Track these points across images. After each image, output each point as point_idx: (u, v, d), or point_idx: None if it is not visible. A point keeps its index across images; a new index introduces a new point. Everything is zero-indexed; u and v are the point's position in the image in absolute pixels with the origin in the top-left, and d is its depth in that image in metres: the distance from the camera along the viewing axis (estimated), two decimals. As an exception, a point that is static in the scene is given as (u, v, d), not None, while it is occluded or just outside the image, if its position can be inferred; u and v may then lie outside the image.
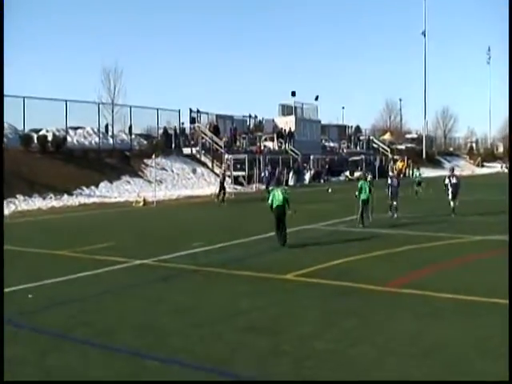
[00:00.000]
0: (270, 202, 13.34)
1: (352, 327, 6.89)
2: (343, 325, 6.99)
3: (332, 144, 63.03)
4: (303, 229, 16.34)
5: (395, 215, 18.83)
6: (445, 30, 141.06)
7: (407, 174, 53.96)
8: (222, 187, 28.51)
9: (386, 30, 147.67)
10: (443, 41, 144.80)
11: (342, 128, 72.72)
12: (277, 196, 13.20)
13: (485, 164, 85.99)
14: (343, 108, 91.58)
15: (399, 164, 56.22)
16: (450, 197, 19.50)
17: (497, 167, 79.49)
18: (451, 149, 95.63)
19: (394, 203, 19.12)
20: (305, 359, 5.77)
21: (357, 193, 16.83)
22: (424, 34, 72.38)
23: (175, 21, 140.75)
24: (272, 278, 9.76)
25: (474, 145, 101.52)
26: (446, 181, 20.17)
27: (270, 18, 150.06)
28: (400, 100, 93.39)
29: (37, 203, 29.49)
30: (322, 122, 62.64)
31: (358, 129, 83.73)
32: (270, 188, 15.69)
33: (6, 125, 34.35)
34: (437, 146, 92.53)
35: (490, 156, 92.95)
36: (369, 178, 18.39)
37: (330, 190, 25.67)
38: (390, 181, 19.76)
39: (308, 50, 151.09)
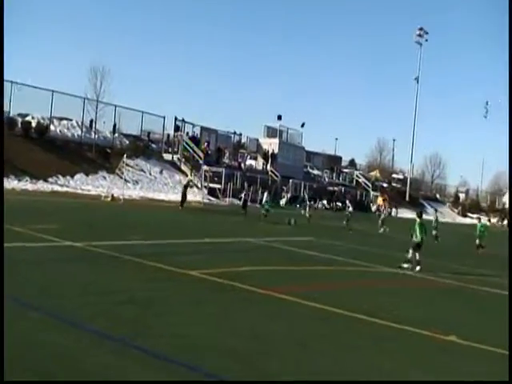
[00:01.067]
0: None
1: (210, 313, 8.05)
2: (204, 310, 8.14)
3: (316, 172, 64.39)
4: (243, 241, 17.57)
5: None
6: (443, 76, 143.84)
7: (385, 211, 55.36)
8: (184, 194, 30.45)
9: (382, 70, 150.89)
10: (440, 87, 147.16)
11: (331, 158, 74.27)
12: None
13: (468, 214, 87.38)
14: (336, 139, 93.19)
15: (379, 199, 57.70)
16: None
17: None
18: (437, 195, 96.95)
19: None
20: (148, 328, 6.92)
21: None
22: (417, 80, 74.29)
23: (172, 29, 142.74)
24: (177, 271, 10.88)
25: (463, 195, 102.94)
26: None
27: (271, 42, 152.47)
28: (394, 140, 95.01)
29: (12, 184, 30.58)
30: (310, 150, 64.15)
31: (352, 162, 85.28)
32: None
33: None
34: (425, 190, 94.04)
35: (474, 207, 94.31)
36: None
37: (292, 222, 26.63)
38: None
39: (302, 79, 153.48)
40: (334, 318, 8.68)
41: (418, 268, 14.99)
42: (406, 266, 15.25)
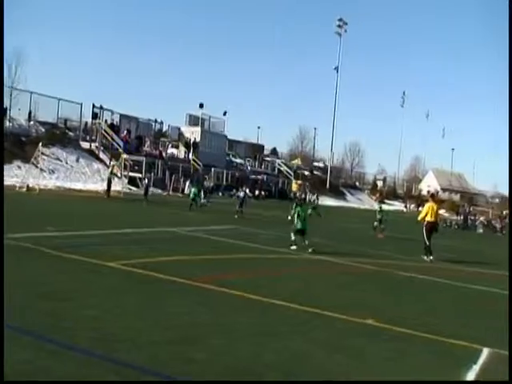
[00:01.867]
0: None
1: (131, 304, 7.95)
2: (124, 302, 8.03)
3: (238, 160, 64.60)
4: (166, 230, 17.42)
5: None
6: (362, 67, 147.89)
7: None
8: (109, 181, 30.74)
9: (303, 59, 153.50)
10: (360, 77, 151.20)
11: (254, 146, 74.72)
12: None
13: (385, 201, 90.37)
14: (259, 128, 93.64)
15: (294, 186, 58.96)
16: None
17: (397, 206, 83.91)
18: (357, 183, 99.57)
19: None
20: (66, 322, 6.76)
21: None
22: (337, 69, 75.95)
23: (88, 15, 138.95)
24: (94, 263, 10.67)
25: (380, 182, 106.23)
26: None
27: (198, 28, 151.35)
28: (315, 129, 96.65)
29: None
30: (233, 138, 64.25)
31: (274, 151, 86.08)
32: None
33: None
34: (345, 178, 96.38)
35: (391, 194, 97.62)
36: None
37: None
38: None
39: (223, 66, 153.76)
40: (254, 305, 8.78)
41: (310, 250, 15.97)
42: (294, 247, 16.28)
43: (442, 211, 79.83)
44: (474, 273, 16.20)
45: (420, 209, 77.79)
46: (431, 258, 17.56)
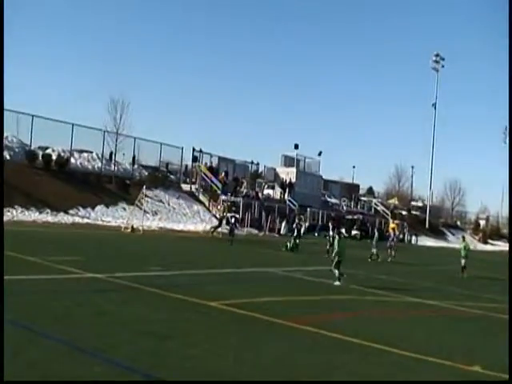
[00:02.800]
0: None
1: (230, 345, 8.06)
2: (224, 342, 8.16)
3: (334, 200, 64.30)
4: (261, 271, 17.60)
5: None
6: (460, 103, 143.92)
7: (397, 237, 55.92)
8: (220, 223, 31.43)
9: (399, 96, 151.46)
10: (458, 112, 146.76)
11: (349, 186, 74.29)
12: None
13: (489, 241, 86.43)
14: (354, 167, 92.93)
15: (391, 225, 57.92)
16: None
17: (501, 246, 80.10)
18: (458, 222, 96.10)
19: None
20: (167, 359, 6.95)
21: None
22: (434, 106, 74.40)
23: (186, 59, 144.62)
24: (195, 302, 10.92)
25: (483, 221, 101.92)
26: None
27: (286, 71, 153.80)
28: (412, 167, 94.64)
29: (33, 216, 31.06)
30: (328, 178, 64.24)
31: (370, 190, 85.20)
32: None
33: (14, 139, 36.32)
34: (446, 217, 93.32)
35: (495, 234, 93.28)
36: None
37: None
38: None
39: (319, 107, 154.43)
40: (354, 348, 8.63)
41: (337, 283, 15.87)
42: (338, 283, 15.96)
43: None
44: None
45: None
46: None
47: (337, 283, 15.90)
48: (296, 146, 54.39)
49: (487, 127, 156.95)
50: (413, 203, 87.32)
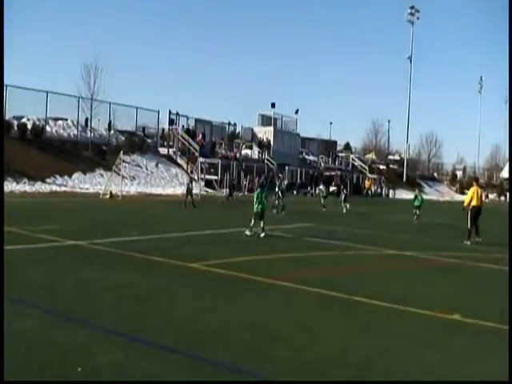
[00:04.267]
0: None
1: (215, 305, 8.16)
2: (208, 302, 8.25)
3: (312, 158, 64.40)
4: (242, 231, 17.65)
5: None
6: (435, 55, 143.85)
7: (373, 192, 57.04)
8: (189, 191, 28.22)
9: (374, 51, 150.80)
10: (433, 65, 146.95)
11: (327, 143, 74.31)
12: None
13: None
14: (331, 123, 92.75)
15: (366, 182, 58.55)
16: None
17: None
18: (435, 174, 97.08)
19: None
20: (154, 322, 7.03)
21: None
22: (410, 59, 74.18)
23: (160, 22, 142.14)
24: (177, 264, 11.00)
25: (460, 172, 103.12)
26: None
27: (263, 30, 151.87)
28: (389, 121, 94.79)
29: (10, 187, 30.70)
30: (305, 136, 64.16)
31: (347, 146, 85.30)
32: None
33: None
34: (422, 170, 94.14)
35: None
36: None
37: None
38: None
39: (293, 63, 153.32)
40: (336, 302, 8.80)
41: (262, 234, 16.40)
42: (249, 233, 16.46)
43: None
44: None
45: (502, 198, 75.44)
46: (471, 242, 17.90)
47: (262, 235, 16.49)
48: (273, 105, 54.18)
49: (462, 79, 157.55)
50: (390, 157, 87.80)
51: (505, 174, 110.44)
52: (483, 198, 20.64)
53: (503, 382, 4.05)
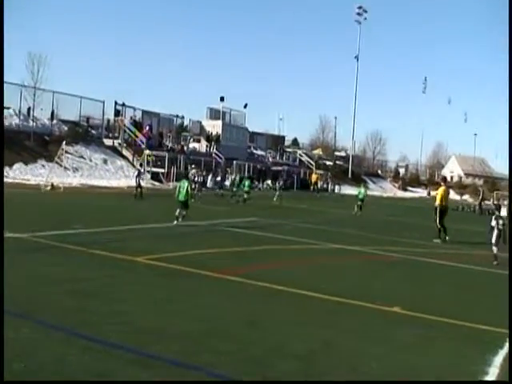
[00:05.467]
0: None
1: (158, 299, 8.06)
2: (151, 296, 8.15)
3: (260, 152, 64.60)
4: (187, 224, 17.54)
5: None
6: (381, 55, 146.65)
7: (319, 187, 57.76)
8: (138, 183, 28.37)
9: (323, 48, 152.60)
10: (380, 64, 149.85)
11: (275, 138, 74.65)
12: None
13: (408, 188, 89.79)
14: (280, 119, 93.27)
15: (313, 177, 59.28)
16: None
17: (420, 192, 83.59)
18: (379, 171, 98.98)
19: None
20: (95, 316, 6.89)
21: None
22: (357, 58, 75.40)
23: (107, 10, 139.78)
24: (121, 258, 10.81)
25: (402, 170, 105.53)
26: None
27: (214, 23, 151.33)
28: (335, 118, 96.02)
29: None
30: (253, 130, 64.29)
31: (295, 141, 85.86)
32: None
33: None
34: (367, 167, 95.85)
35: (414, 181, 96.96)
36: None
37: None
38: None
39: (243, 58, 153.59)
40: (280, 295, 8.85)
41: (176, 222, 17.03)
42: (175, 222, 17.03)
43: (466, 196, 79.58)
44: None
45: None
46: (441, 240, 18.11)
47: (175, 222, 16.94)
48: (222, 99, 53.94)
49: (406, 78, 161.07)
50: (336, 153, 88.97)
51: (446, 171, 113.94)
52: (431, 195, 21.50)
53: (503, 381, 4.12)
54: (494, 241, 14.74)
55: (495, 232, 14.80)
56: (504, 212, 46.72)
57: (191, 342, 6.19)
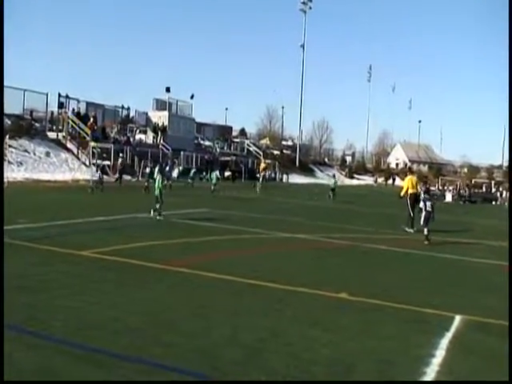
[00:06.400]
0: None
1: (105, 293, 7.98)
2: (98, 291, 8.06)
3: (207, 143, 64.34)
4: (135, 216, 17.38)
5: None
6: (328, 44, 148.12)
7: (267, 177, 58.06)
8: (100, 177, 30.05)
9: (269, 38, 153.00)
10: (326, 53, 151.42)
11: (222, 128, 74.51)
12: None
13: (355, 176, 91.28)
14: (226, 109, 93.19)
15: (262, 165, 59.60)
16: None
17: (366, 180, 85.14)
18: (326, 159, 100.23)
19: None
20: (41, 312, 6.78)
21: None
22: (303, 47, 75.86)
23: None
24: (67, 253, 10.63)
25: (349, 158, 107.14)
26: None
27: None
28: (282, 108, 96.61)
29: None
30: (200, 121, 63.92)
31: (243, 131, 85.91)
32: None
33: None
34: (315, 155, 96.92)
35: (360, 169, 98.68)
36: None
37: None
38: None
39: (189, 49, 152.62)
40: (228, 285, 8.89)
41: (158, 216, 17.30)
42: (156, 215, 17.41)
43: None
44: (446, 242, 16.55)
45: (389, 182, 79.40)
46: (414, 229, 18.15)
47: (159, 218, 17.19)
48: (168, 89, 53.27)
49: (352, 67, 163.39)
50: (284, 143, 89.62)
51: (392, 158, 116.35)
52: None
53: (503, 381, 4.20)
54: (422, 222, 15.96)
55: (423, 214, 16.00)
56: (449, 197, 48.19)
57: (137, 335, 6.16)
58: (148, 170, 31.87)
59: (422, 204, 16.28)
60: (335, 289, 8.92)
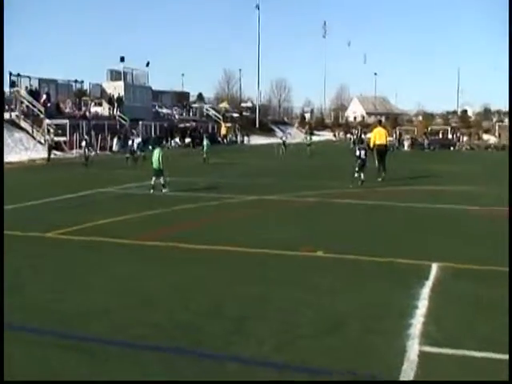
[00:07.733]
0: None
1: (74, 274, 7.70)
2: (69, 273, 7.77)
3: (165, 111, 63.26)
4: (97, 192, 16.92)
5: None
6: (282, 2, 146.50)
7: (228, 140, 58.03)
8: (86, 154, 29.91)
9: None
10: (281, 12, 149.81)
11: (180, 94, 73.35)
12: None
13: (314, 132, 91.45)
14: (183, 75, 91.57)
15: (222, 129, 59.24)
16: None
17: (326, 135, 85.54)
18: (285, 118, 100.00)
19: None
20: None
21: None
22: (258, 7, 74.71)
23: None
24: (31, 236, 10.22)
25: (308, 115, 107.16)
26: None
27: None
28: (240, 70, 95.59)
29: None
30: (158, 89, 62.75)
31: (200, 96, 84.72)
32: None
33: None
34: (274, 115, 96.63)
35: (320, 125, 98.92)
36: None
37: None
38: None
39: (141, 15, 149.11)
40: (204, 255, 8.71)
41: (152, 190, 16.69)
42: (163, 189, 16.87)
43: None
44: (408, 191, 16.65)
45: (348, 136, 79.92)
46: (379, 179, 18.97)
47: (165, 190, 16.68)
48: (122, 59, 51.83)
49: (307, 25, 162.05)
50: (243, 105, 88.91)
51: (349, 112, 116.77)
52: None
53: (503, 381, 4.16)
54: (357, 168, 17.83)
55: (358, 161, 17.85)
56: (406, 146, 48.58)
57: (117, 316, 5.94)
58: (131, 142, 31.07)
59: (357, 152, 17.83)
60: (311, 247, 8.85)
